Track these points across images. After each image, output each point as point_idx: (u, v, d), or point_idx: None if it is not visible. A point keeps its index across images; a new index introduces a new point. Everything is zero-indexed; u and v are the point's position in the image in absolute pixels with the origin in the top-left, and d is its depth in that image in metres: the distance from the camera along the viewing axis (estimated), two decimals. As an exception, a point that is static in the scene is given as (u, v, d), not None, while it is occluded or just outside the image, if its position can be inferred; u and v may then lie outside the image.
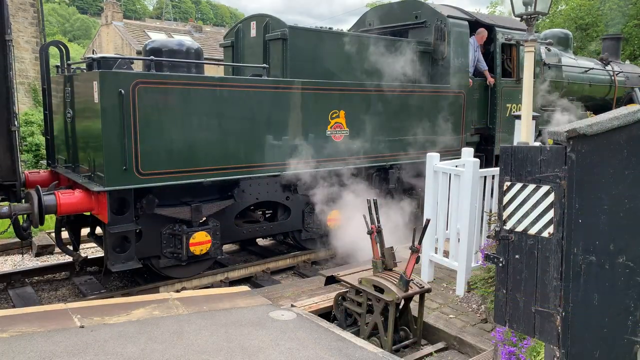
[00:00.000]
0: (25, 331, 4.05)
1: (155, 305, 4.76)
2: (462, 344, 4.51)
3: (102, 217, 5.56)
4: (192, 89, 5.75)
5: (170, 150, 5.66)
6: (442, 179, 5.51)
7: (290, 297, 5.44)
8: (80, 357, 3.69)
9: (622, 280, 2.32)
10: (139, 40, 27.70)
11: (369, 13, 9.45)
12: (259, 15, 7.48)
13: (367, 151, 7.27)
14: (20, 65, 15.19)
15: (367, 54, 7.52)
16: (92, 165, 5.66)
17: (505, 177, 2.56)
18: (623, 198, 2.27)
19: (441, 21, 8.14)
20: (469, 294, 5.25)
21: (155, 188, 5.74)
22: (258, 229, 7.10)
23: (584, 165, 2.28)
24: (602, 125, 2.23)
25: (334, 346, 4.07)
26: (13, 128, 5.73)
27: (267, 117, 6.34)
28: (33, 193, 5.46)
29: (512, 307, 2.58)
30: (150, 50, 6.19)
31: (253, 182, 6.73)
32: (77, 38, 66.69)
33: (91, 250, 8.07)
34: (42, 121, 8.78)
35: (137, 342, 3.97)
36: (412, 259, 4.41)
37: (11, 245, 7.88)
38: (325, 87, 6.85)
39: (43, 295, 6.41)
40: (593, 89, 11.22)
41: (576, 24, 18.98)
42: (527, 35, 5.61)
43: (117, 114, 5.29)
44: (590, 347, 2.37)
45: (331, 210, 7.28)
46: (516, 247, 2.54)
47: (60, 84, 6.46)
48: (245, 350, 3.92)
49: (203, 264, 6.48)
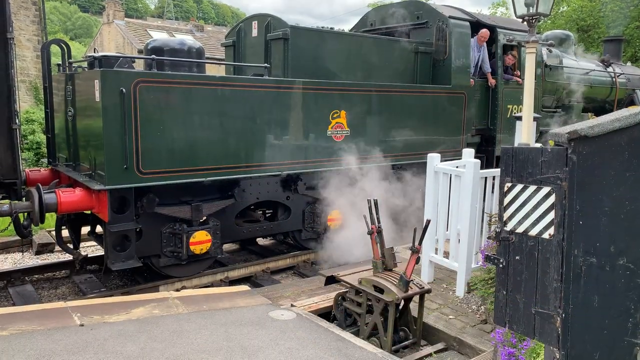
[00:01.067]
0: (25, 329, 4.05)
1: (155, 304, 4.76)
2: (461, 344, 4.51)
3: (102, 216, 5.57)
4: (193, 88, 5.75)
5: (171, 149, 5.66)
6: (442, 180, 5.51)
7: (290, 296, 5.44)
8: (80, 355, 3.70)
9: (622, 282, 2.32)
10: (141, 39, 27.72)
11: (370, 13, 9.45)
12: (261, 15, 7.48)
13: (367, 151, 7.27)
14: (21, 64, 15.19)
15: (368, 54, 7.52)
16: (92, 163, 5.67)
17: (506, 178, 2.56)
18: (624, 200, 2.27)
19: (442, 22, 8.14)
20: (469, 294, 5.25)
21: (156, 187, 5.74)
22: (258, 228, 7.10)
23: (585, 166, 2.28)
24: (604, 126, 2.23)
25: (333, 346, 4.07)
26: (14, 126, 5.73)
27: (268, 117, 6.34)
28: (34, 191, 5.46)
29: (512, 308, 2.58)
30: (151, 49, 6.20)
31: (253, 182, 6.73)
32: (78, 37, 66.72)
33: (91, 248, 8.08)
34: (43, 119, 8.81)
35: (136, 341, 3.97)
36: (412, 259, 4.41)
37: (11, 243, 7.88)
38: (326, 87, 6.85)
39: (43, 293, 6.41)
40: (594, 90, 11.22)
41: (577, 25, 18.98)
42: (528, 36, 5.61)
43: (118, 113, 5.29)
44: (590, 349, 2.37)
45: (332, 210, 7.28)
46: (517, 248, 2.54)
47: (62, 82, 6.47)
48: (244, 349, 3.92)
49: (203, 263, 6.48)
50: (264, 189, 6.89)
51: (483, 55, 8.63)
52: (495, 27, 8.82)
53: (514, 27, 9.06)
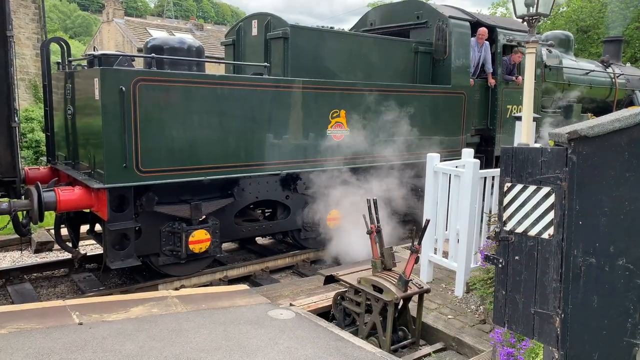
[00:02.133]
0: (23, 327, 4.04)
1: (154, 303, 4.76)
2: (460, 344, 4.51)
3: (101, 214, 5.56)
4: (192, 87, 5.74)
5: (171, 148, 5.66)
6: (442, 180, 5.51)
7: (289, 296, 5.44)
8: (79, 354, 3.69)
9: (621, 283, 2.32)
10: (140, 37, 27.71)
11: (370, 13, 9.45)
12: (261, 14, 7.48)
13: (367, 151, 7.27)
14: (21, 62, 15.17)
15: (368, 53, 7.51)
16: (92, 162, 5.66)
17: (506, 178, 2.56)
18: (624, 200, 2.27)
19: (442, 21, 8.14)
20: (468, 294, 5.25)
21: (155, 186, 5.74)
22: (257, 227, 7.10)
23: (585, 167, 2.28)
24: (604, 127, 2.23)
25: (332, 345, 4.07)
26: (13, 124, 5.72)
27: (267, 116, 6.34)
28: (33, 189, 5.45)
29: (511, 308, 2.58)
30: (151, 48, 6.19)
31: (253, 181, 6.72)
32: (77, 35, 66.62)
33: (90, 247, 8.07)
34: (42, 118, 8.78)
35: (135, 340, 3.96)
36: (411, 259, 4.41)
37: (10, 242, 7.87)
38: (326, 87, 6.85)
39: (42, 291, 6.41)
40: (594, 91, 11.23)
41: (577, 26, 18.99)
42: (528, 36, 5.62)
43: (118, 111, 5.29)
44: (589, 349, 2.37)
45: (331, 210, 7.28)
46: (516, 248, 2.54)
47: (61, 80, 6.46)
48: (243, 348, 3.92)
49: (202, 262, 6.48)
50: (264, 188, 6.89)
51: (486, 55, 8.63)
52: (495, 27, 8.82)
53: (514, 28, 9.07)
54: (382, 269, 4.65)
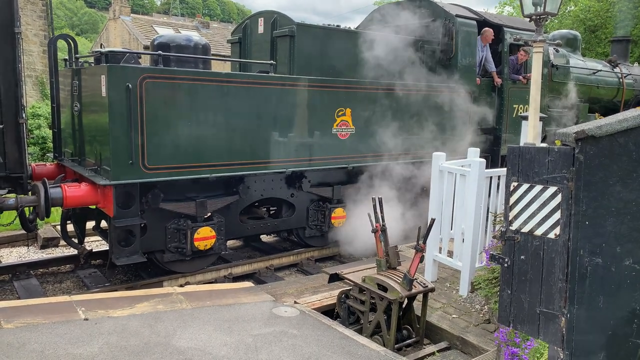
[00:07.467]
0: (30, 322, 4.07)
1: (159, 299, 4.78)
2: (464, 344, 4.51)
3: (107, 211, 5.59)
4: (199, 84, 5.75)
5: (177, 145, 5.67)
6: (447, 179, 5.50)
7: (293, 293, 5.45)
8: (84, 349, 3.71)
9: (628, 283, 2.31)
10: (147, 35, 27.74)
11: (376, 11, 9.42)
12: (267, 12, 7.47)
13: (372, 149, 7.26)
14: (28, 58, 15.25)
15: (374, 52, 7.50)
16: (98, 158, 5.68)
17: (513, 177, 2.55)
18: (631, 200, 2.26)
19: (449, 20, 8.11)
20: (473, 294, 5.25)
21: (161, 183, 5.76)
22: (262, 225, 7.11)
23: (592, 166, 2.27)
24: (611, 126, 2.22)
25: (337, 343, 4.07)
26: (21, 120, 5.76)
27: (273, 114, 6.34)
28: (40, 185, 5.48)
29: (516, 307, 2.58)
30: (158, 45, 6.21)
31: (258, 179, 6.73)
32: (84, 32, 66.91)
33: (96, 243, 8.10)
34: (49, 114, 8.85)
35: (140, 336, 3.98)
36: (416, 258, 4.41)
37: (17, 237, 7.92)
38: (331, 85, 6.84)
39: (48, 287, 6.45)
40: (601, 91, 11.16)
41: (585, 25, 18.87)
42: (535, 35, 5.59)
43: (124, 108, 5.31)
44: (594, 350, 2.36)
45: (335, 208, 7.28)
46: (522, 247, 2.53)
47: (68, 77, 6.49)
48: (248, 345, 3.93)
49: (207, 259, 6.50)
50: (269, 186, 6.90)
51: (486, 54, 8.60)
52: (502, 26, 8.78)
53: (521, 27, 9.02)
54: (386, 268, 4.65)
